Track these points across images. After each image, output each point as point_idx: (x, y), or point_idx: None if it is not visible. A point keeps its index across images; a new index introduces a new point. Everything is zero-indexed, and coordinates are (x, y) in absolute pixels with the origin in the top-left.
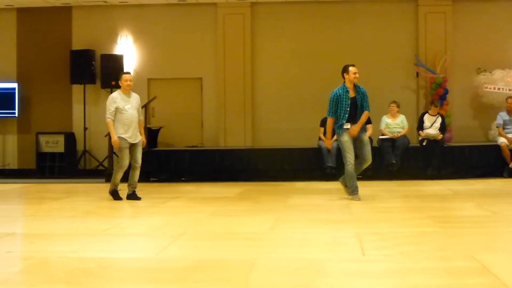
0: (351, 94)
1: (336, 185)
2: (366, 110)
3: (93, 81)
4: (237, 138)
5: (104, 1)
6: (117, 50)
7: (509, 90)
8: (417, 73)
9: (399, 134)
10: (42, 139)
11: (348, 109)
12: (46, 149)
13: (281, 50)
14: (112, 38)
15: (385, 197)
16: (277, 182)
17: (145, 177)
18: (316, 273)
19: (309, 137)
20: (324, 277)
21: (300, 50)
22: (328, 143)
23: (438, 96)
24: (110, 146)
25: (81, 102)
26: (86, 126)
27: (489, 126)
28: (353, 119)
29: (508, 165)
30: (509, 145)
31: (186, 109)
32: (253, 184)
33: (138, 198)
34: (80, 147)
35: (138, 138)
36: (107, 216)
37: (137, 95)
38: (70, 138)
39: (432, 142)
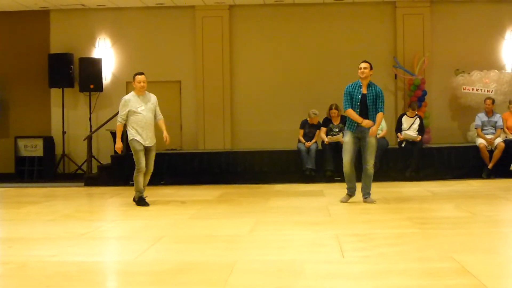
0: (364, 90)
1: (315, 187)
2: (380, 111)
3: (71, 85)
4: (216, 141)
5: (82, 5)
6: (95, 54)
7: (487, 91)
8: (396, 75)
9: (377, 136)
10: (21, 143)
11: (358, 104)
12: (24, 153)
13: (260, 52)
14: (90, 41)
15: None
16: (256, 185)
17: (124, 181)
18: (295, 275)
19: (288, 139)
20: (303, 278)
21: (279, 53)
22: (366, 122)
23: (416, 98)
24: (89, 150)
25: (59, 106)
26: (64, 130)
27: (467, 127)
28: (363, 117)
29: (487, 166)
30: (488, 146)
31: (165, 112)
32: (232, 187)
33: (147, 204)
34: (59, 151)
35: (153, 141)
36: (86, 220)
37: (153, 95)
38: (48, 142)
39: (410, 143)
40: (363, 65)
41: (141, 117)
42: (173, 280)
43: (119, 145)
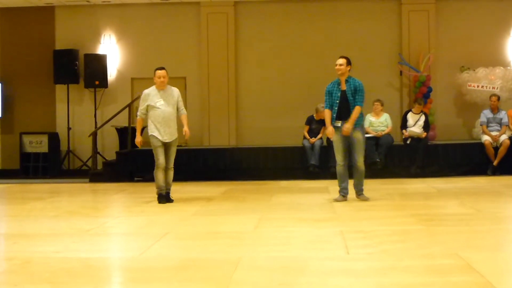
0: (342, 87)
1: (320, 184)
2: (357, 104)
3: (76, 81)
4: (221, 137)
5: (87, 1)
6: (100, 50)
7: (493, 88)
8: (401, 72)
9: (383, 133)
10: (26, 139)
11: (337, 101)
12: (29, 149)
13: (265, 49)
14: (95, 37)
15: (369, 195)
16: (261, 181)
17: (129, 177)
18: (299, 271)
19: (294, 136)
20: (307, 275)
21: (284, 49)
22: (328, 131)
23: (421, 95)
24: (94, 146)
25: (64, 102)
26: (69, 126)
27: (472, 124)
28: (345, 115)
29: (492, 162)
30: (493, 143)
31: None
32: (237, 183)
33: (171, 201)
34: (64, 147)
35: (173, 136)
36: (90, 216)
37: (176, 89)
38: (53, 138)
39: (416, 140)
40: (339, 61)
41: (159, 112)
42: (177, 276)
43: (138, 139)
